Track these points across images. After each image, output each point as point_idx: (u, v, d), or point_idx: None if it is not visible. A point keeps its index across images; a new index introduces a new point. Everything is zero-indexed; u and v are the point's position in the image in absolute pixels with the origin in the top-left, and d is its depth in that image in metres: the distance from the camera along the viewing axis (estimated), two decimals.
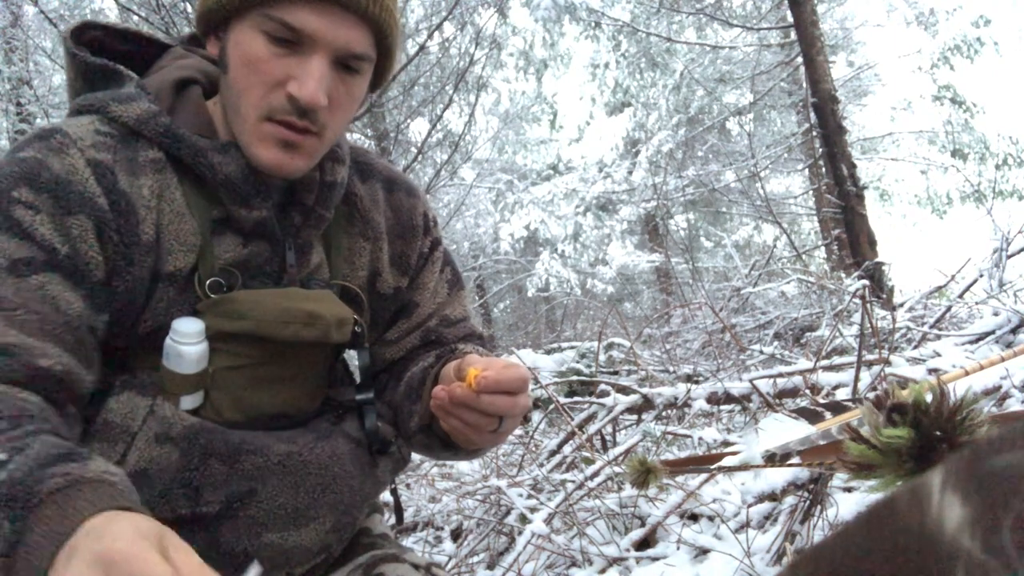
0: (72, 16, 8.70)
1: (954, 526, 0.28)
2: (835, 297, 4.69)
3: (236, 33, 0.91)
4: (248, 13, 0.90)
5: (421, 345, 1.13)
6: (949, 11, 13.48)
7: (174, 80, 0.99)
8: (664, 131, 13.50)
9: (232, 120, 0.94)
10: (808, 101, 7.75)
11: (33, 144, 0.89)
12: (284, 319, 0.94)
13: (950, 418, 0.64)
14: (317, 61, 0.89)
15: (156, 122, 0.93)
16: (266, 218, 0.95)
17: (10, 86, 8.62)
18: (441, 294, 1.15)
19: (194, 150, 0.93)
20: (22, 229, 0.85)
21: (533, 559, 2.31)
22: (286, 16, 0.88)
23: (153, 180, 0.92)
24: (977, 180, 13.69)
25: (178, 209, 0.93)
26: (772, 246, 8.20)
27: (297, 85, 0.89)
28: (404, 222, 1.12)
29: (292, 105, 0.90)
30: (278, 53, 0.89)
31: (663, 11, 11.20)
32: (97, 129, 0.92)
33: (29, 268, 0.84)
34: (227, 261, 0.95)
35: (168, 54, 1.06)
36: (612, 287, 15.20)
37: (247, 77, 0.90)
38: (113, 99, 0.94)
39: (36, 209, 0.86)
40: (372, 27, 0.92)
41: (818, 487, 1.91)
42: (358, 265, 1.07)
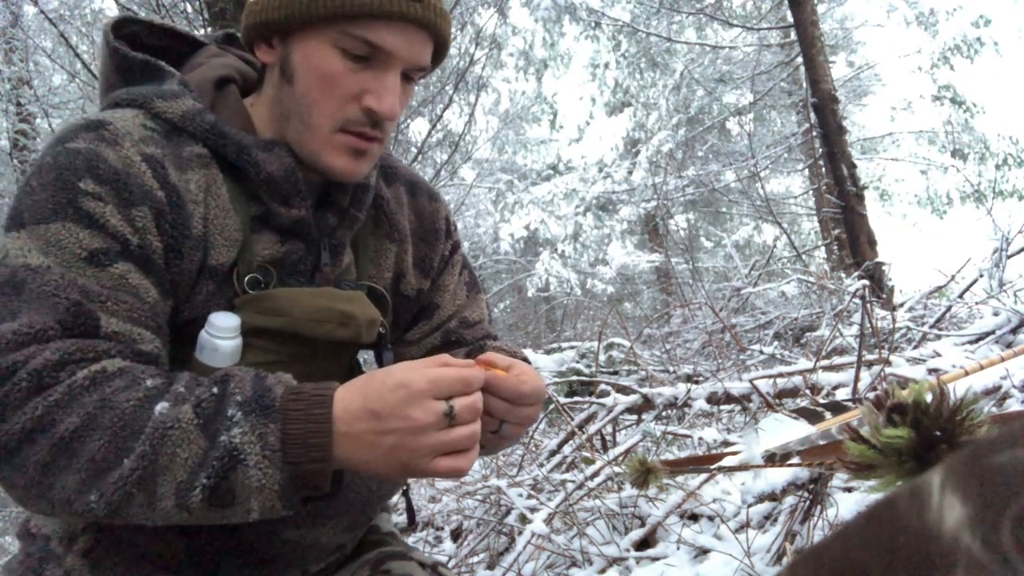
0: (72, 16, 8.69)
1: (954, 525, 0.28)
2: (835, 297, 4.69)
3: (304, 46, 0.93)
4: (321, 28, 0.91)
5: (441, 346, 1.16)
6: (949, 11, 13.48)
7: (215, 78, 1.01)
8: (664, 131, 13.50)
9: (295, 128, 0.96)
10: (808, 101, 7.75)
11: (82, 135, 0.89)
12: (320, 318, 0.96)
13: (950, 418, 0.64)
14: (392, 76, 0.93)
15: (202, 119, 0.94)
16: (304, 217, 0.97)
17: (10, 86, 8.62)
18: (460, 296, 1.18)
19: (239, 148, 0.94)
20: (93, 220, 0.85)
21: (533, 559, 2.31)
22: (367, 34, 0.90)
23: (200, 175, 0.93)
24: (977, 180, 13.69)
25: (223, 204, 0.94)
26: (772, 246, 8.20)
27: (375, 99, 0.92)
28: (427, 226, 1.15)
29: (367, 117, 0.94)
30: (353, 68, 0.92)
31: (663, 11, 11.20)
32: (143, 123, 0.92)
33: (107, 258, 0.85)
34: (264, 258, 0.97)
35: (202, 51, 1.07)
36: (612, 287, 15.19)
37: (321, 90, 0.93)
38: (157, 95, 0.95)
39: (103, 200, 0.86)
40: (436, 40, 0.96)
41: (818, 487, 1.91)
42: (384, 267, 1.09)
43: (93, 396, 0.77)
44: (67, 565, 0.93)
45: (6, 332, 0.79)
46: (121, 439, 0.76)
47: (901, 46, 13.34)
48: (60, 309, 0.81)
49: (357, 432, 0.78)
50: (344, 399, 0.79)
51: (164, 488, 0.76)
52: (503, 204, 15.30)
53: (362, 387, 0.79)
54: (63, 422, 0.76)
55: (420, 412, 0.77)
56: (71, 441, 0.76)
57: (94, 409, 0.77)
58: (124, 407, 0.77)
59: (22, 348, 0.79)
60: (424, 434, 0.77)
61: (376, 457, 0.78)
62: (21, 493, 0.79)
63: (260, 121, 1.00)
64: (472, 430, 0.80)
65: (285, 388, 0.80)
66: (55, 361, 0.79)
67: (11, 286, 0.82)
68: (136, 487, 0.76)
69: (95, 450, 0.76)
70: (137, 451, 0.75)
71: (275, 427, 0.76)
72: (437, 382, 0.78)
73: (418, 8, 0.91)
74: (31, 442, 0.76)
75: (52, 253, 0.83)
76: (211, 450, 0.76)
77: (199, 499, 0.76)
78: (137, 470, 0.75)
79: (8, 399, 0.77)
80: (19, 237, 0.84)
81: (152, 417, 0.77)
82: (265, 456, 0.76)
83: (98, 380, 0.79)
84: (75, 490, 0.76)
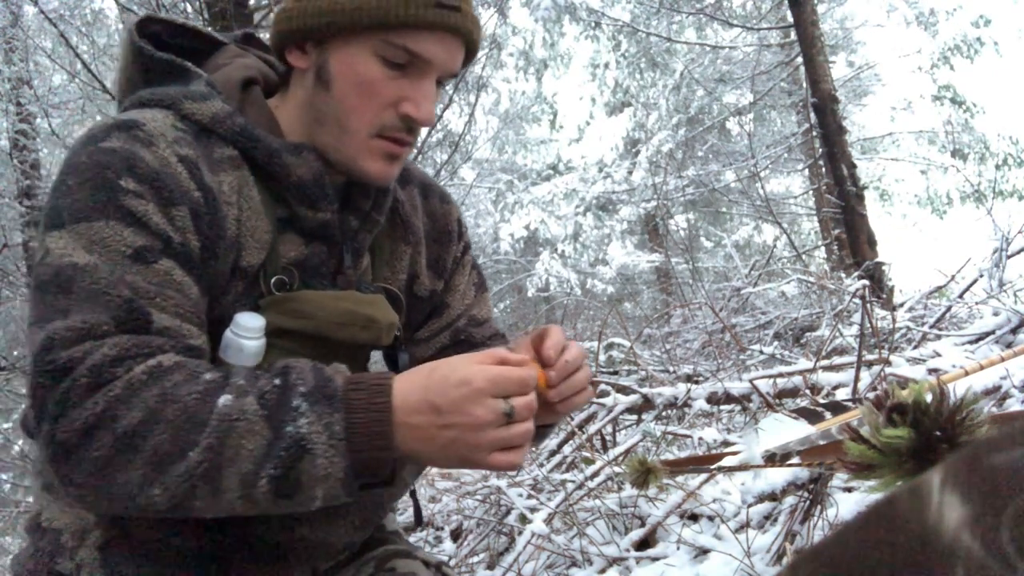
0: (72, 16, 8.69)
1: (954, 525, 0.28)
2: (835, 297, 4.68)
3: (343, 53, 0.94)
4: (362, 36, 0.92)
5: (451, 344, 1.18)
6: (949, 11, 13.47)
7: (240, 79, 1.01)
8: (664, 131, 13.49)
9: (330, 133, 0.97)
10: (808, 101, 7.75)
11: (114, 135, 0.89)
12: (344, 321, 0.98)
13: (950, 418, 0.64)
14: (429, 83, 0.95)
15: (232, 122, 0.95)
16: (330, 220, 0.99)
17: (10, 86, 8.61)
18: (469, 296, 1.21)
19: (269, 151, 0.95)
20: (136, 218, 0.85)
21: (533, 559, 2.31)
22: (408, 43, 0.92)
23: (232, 177, 0.94)
24: (977, 180, 13.69)
25: (255, 206, 0.95)
26: (772, 246, 8.20)
27: (413, 106, 0.95)
28: (440, 227, 1.17)
29: (403, 123, 0.96)
30: (392, 75, 0.94)
31: (663, 11, 11.19)
32: (174, 124, 0.93)
33: (151, 255, 0.85)
34: (289, 259, 0.98)
35: (223, 51, 1.07)
36: (612, 287, 15.19)
37: (359, 97, 0.94)
38: (185, 96, 0.95)
39: (145, 198, 0.86)
40: (469, 48, 0.98)
41: (818, 487, 1.91)
42: (399, 268, 1.11)
43: (153, 390, 0.78)
44: (79, 559, 0.93)
45: (60, 329, 0.80)
46: (185, 432, 0.77)
47: (901, 46, 13.31)
48: (112, 306, 0.82)
49: (417, 424, 0.80)
50: (404, 390, 0.81)
51: (229, 480, 0.77)
52: (503, 204, 15.30)
53: (423, 380, 0.81)
54: (125, 417, 0.77)
55: (481, 410, 0.80)
56: (133, 436, 0.77)
57: (156, 403, 0.78)
58: (186, 400, 0.78)
59: (77, 344, 0.79)
60: (483, 431, 0.80)
61: (435, 449, 0.81)
62: (80, 490, 0.79)
63: (286, 123, 1.00)
64: (527, 428, 0.83)
65: (344, 378, 0.81)
66: (113, 357, 0.79)
67: (56, 285, 0.82)
68: (202, 479, 0.77)
69: (159, 444, 0.77)
70: (203, 443, 0.76)
71: (339, 416, 0.78)
72: (498, 381, 0.81)
73: (457, 18, 0.93)
74: (92, 438, 0.77)
75: (96, 251, 0.83)
76: (277, 440, 0.77)
77: (265, 489, 0.78)
78: (204, 463, 0.76)
79: (68, 396, 0.78)
80: (61, 236, 0.84)
81: (216, 409, 0.78)
82: (331, 445, 0.78)
83: (156, 374, 0.79)
84: (138, 484, 0.77)
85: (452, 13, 0.93)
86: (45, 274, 0.83)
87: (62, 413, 0.77)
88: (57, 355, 0.79)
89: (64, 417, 0.77)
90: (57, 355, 0.79)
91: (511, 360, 0.83)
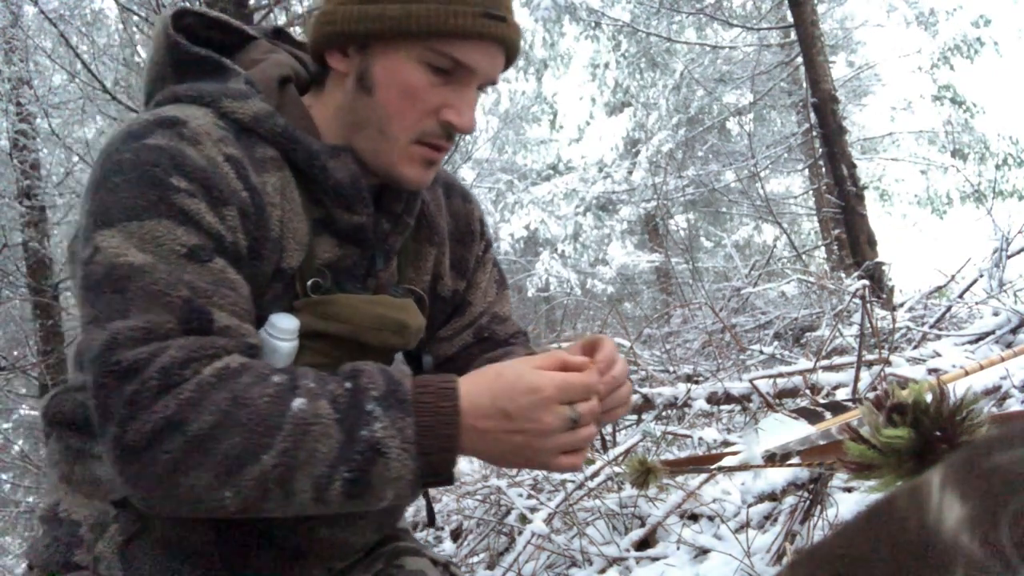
0: (72, 16, 8.68)
1: (953, 525, 0.28)
2: (835, 297, 4.68)
3: (388, 59, 0.94)
4: (408, 43, 0.92)
5: (475, 342, 1.19)
6: (949, 11, 13.46)
7: (278, 77, 1.01)
8: (664, 131, 13.48)
9: (370, 137, 0.97)
10: (808, 101, 7.75)
11: (158, 132, 0.88)
12: (377, 326, 0.99)
13: (950, 418, 0.64)
14: (471, 91, 0.96)
15: (273, 122, 0.94)
16: (365, 223, 0.99)
17: (10, 86, 8.60)
18: (491, 293, 1.22)
19: (309, 153, 0.95)
20: (188, 217, 0.85)
21: (533, 559, 2.31)
22: (454, 51, 0.92)
23: (276, 177, 0.94)
24: (977, 180, 13.68)
25: (296, 208, 0.95)
26: (772, 246, 8.20)
27: (455, 114, 0.95)
28: (463, 227, 1.17)
29: (444, 130, 0.96)
30: (435, 83, 0.94)
31: (663, 11, 11.19)
32: (215, 123, 0.92)
33: (205, 253, 0.85)
34: (323, 261, 0.98)
35: (254, 47, 1.06)
36: (612, 287, 15.18)
37: (402, 103, 0.94)
38: (225, 94, 0.94)
39: (196, 196, 0.86)
40: (509, 57, 0.99)
41: (818, 487, 1.91)
42: (423, 270, 1.11)
43: (224, 393, 0.78)
44: (97, 552, 0.93)
45: (122, 329, 0.80)
46: (258, 435, 0.77)
47: (901, 46, 13.28)
48: (174, 307, 0.82)
49: (485, 428, 0.83)
50: (471, 394, 0.83)
51: (302, 482, 0.78)
52: (503, 204, 15.29)
53: (490, 385, 0.83)
54: (197, 420, 0.77)
55: (550, 417, 0.82)
56: (205, 439, 0.77)
57: (228, 406, 0.78)
58: (258, 403, 0.78)
59: (142, 345, 0.79)
60: (551, 436, 0.83)
61: (501, 452, 0.84)
62: (147, 492, 0.79)
63: (322, 124, 1.00)
64: (591, 432, 0.87)
65: (412, 381, 0.83)
66: (181, 359, 0.79)
67: (110, 284, 0.82)
68: (275, 482, 0.78)
69: (231, 447, 0.77)
70: (277, 447, 0.77)
71: (411, 420, 0.80)
72: (565, 388, 0.83)
73: (503, 28, 0.94)
74: (161, 441, 0.77)
75: (150, 251, 0.83)
76: (350, 444, 0.78)
77: (338, 491, 0.79)
78: (279, 466, 0.77)
79: (137, 398, 0.77)
80: (113, 235, 0.83)
81: (290, 413, 0.78)
82: (404, 448, 0.79)
83: (224, 376, 0.80)
84: (207, 487, 0.77)
85: (499, 24, 0.94)
86: (96, 273, 0.83)
87: (131, 416, 0.77)
88: (123, 355, 0.78)
89: (133, 420, 0.77)
90: (123, 355, 0.78)
91: (573, 364, 0.86)
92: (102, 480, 0.96)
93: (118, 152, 0.87)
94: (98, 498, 0.96)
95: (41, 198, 8.79)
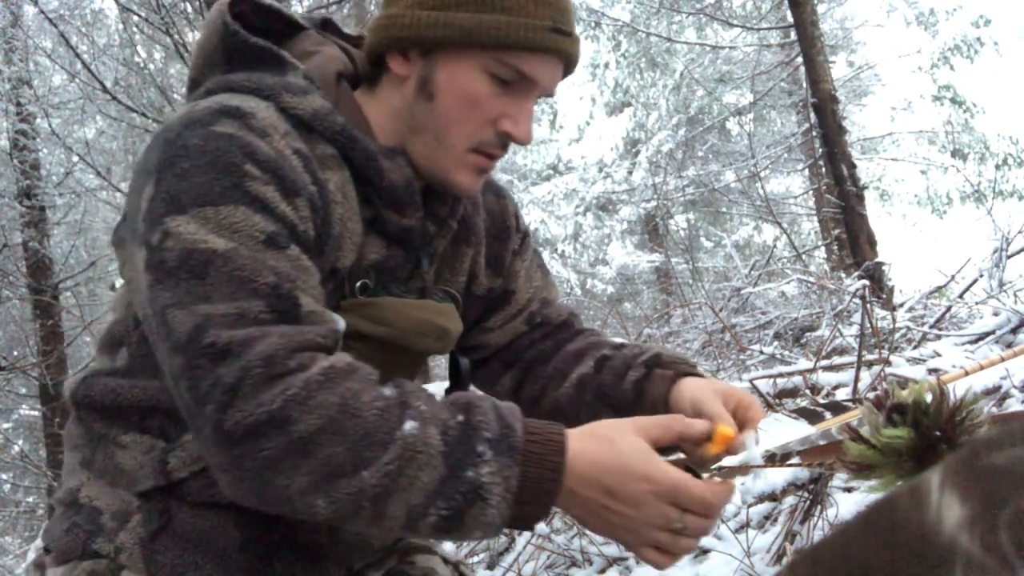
0: (72, 16, 8.68)
1: (953, 525, 0.28)
2: (835, 297, 4.68)
3: (453, 67, 0.93)
4: (474, 52, 0.92)
5: (528, 330, 1.19)
6: (949, 11, 13.46)
7: (335, 73, 1.00)
8: (664, 131, 13.48)
9: (426, 143, 0.97)
10: (808, 101, 7.75)
11: (224, 121, 0.87)
12: (422, 331, 0.99)
13: (949, 418, 0.64)
14: (530, 102, 0.97)
15: (332, 120, 0.93)
16: (414, 226, 0.99)
17: (10, 86, 8.60)
18: (536, 278, 1.21)
19: (366, 153, 0.94)
20: (264, 204, 0.84)
21: (533, 559, 2.31)
22: (521, 64, 0.93)
23: (337, 176, 0.94)
24: (977, 180, 13.67)
25: (353, 207, 0.95)
26: (772, 246, 8.20)
27: (513, 124, 0.95)
28: (498, 224, 1.17)
29: (500, 140, 0.96)
30: (496, 93, 0.94)
31: (663, 11, 11.19)
32: (278, 116, 0.91)
33: (283, 240, 0.84)
34: (370, 261, 0.98)
35: (305, 37, 1.05)
36: (612, 287, 15.18)
37: (463, 111, 0.94)
38: (285, 88, 0.93)
39: (271, 185, 0.85)
40: (567, 69, 0.99)
41: (818, 487, 1.91)
42: (459, 270, 1.11)
43: (332, 397, 0.76)
44: (119, 542, 0.92)
45: (212, 313, 0.78)
46: (361, 448, 0.75)
47: (901, 46, 13.27)
48: (261, 292, 0.80)
49: (585, 496, 0.79)
50: (580, 458, 0.79)
51: (395, 507, 0.76)
52: None
53: (601, 458, 0.79)
54: (302, 421, 0.75)
55: (655, 512, 0.78)
56: (308, 442, 0.75)
57: (336, 413, 0.76)
58: (367, 415, 0.76)
59: (236, 329, 0.78)
60: (648, 530, 0.79)
61: (592, 521, 0.81)
62: (236, 482, 0.78)
63: (375, 124, 0.99)
64: (692, 545, 0.82)
65: (522, 424, 0.80)
66: (284, 347, 0.77)
67: (188, 270, 0.80)
68: (371, 501, 0.75)
69: (333, 455, 0.75)
70: (382, 467, 0.75)
71: (517, 470, 0.77)
72: (681, 494, 0.78)
73: (569, 43, 0.95)
74: (263, 436, 0.75)
75: (227, 236, 0.81)
76: (451, 480, 0.75)
77: (429, 524, 0.76)
78: (378, 486, 0.75)
79: (240, 385, 0.75)
80: (186, 221, 0.81)
81: (401, 434, 0.76)
82: (504, 497, 0.76)
83: (332, 376, 0.78)
84: (301, 490, 0.76)
85: (565, 39, 0.94)
86: (172, 259, 0.81)
87: (231, 403, 0.75)
88: (217, 335, 0.77)
89: (233, 407, 0.75)
90: (217, 335, 0.77)
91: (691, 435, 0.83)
92: (126, 470, 0.94)
93: (181, 138, 0.86)
94: (122, 487, 0.95)
95: (41, 198, 8.79)
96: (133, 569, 0.92)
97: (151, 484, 0.93)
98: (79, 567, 0.93)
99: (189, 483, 0.92)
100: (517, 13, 0.91)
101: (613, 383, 1.07)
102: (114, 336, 1.00)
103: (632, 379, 1.05)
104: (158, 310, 0.81)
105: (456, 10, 0.92)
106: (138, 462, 0.94)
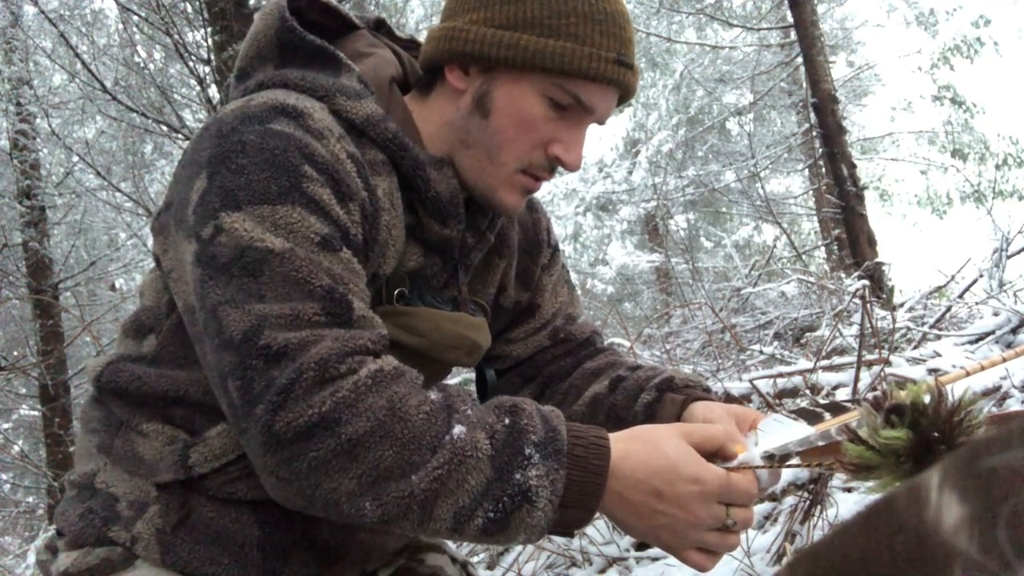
0: (72, 16, 8.68)
1: (952, 525, 0.28)
2: (835, 297, 4.68)
3: (512, 87, 0.93)
4: (536, 75, 0.92)
5: (551, 344, 1.19)
6: (949, 11, 13.46)
7: (389, 79, 0.99)
8: (664, 131, 13.49)
9: (476, 158, 0.97)
10: (808, 101, 7.75)
11: (280, 119, 0.86)
12: (453, 344, 1.00)
13: (948, 419, 0.64)
14: (583, 130, 0.97)
15: (384, 126, 0.93)
16: (454, 237, 0.99)
17: (10, 86, 8.61)
18: (562, 293, 1.22)
19: (415, 162, 0.94)
20: (320, 206, 0.84)
21: (533, 559, 2.31)
22: (581, 92, 0.93)
23: (386, 182, 0.94)
24: (977, 180, 13.67)
25: (399, 214, 0.95)
26: (772, 246, 8.20)
27: (564, 150, 0.96)
28: (531, 238, 1.17)
29: (549, 164, 0.97)
30: (551, 117, 0.94)
31: (663, 11, 11.19)
32: (332, 119, 0.90)
33: (336, 243, 0.84)
34: (407, 269, 0.98)
35: (357, 37, 1.04)
36: (612, 287, 15.19)
37: (517, 132, 0.94)
38: (339, 91, 0.93)
39: (327, 188, 0.85)
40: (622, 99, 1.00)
41: (818, 487, 1.91)
42: (489, 282, 1.11)
43: (381, 400, 0.77)
44: (135, 531, 0.92)
45: (267, 314, 0.78)
46: (410, 452, 0.75)
47: (901, 46, 13.34)
48: (317, 295, 0.80)
49: (632, 498, 0.79)
50: (626, 460, 0.79)
51: (443, 510, 0.76)
52: None
53: (647, 459, 0.80)
54: (351, 424, 0.75)
55: (705, 512, 0.79)
56: (357, 445, 0.75)
57: (384, 416, 0.76)
58: (415, 419, 0.77)
59: (292, 331, 0.77)
60: (697, 530, 0.80)
61: (638, 524, 0.81)
62: (283, 483, 0.77)
63: (425, 132, 0.99)
64: (737, 540, 0.83)
65: (567, 428, 0.80)
66: (338, 351, 0.77)
67: (242, 268, 0.80)
68: (419, 504, 0.76)
69: (382, 459, 0.75)
70: (431, 471, 0.75)
71: (563, 473, 0.77)
72: (728, 489, 0.80)
73: (629, 75, 0.95)
74: (312, 438, 0.75)
75: (284, 236, 0.81)
76: (498, 483, 0.76)
77: (476, 527, 0.77)
78: (427, 490, 0.75)
79: (293, 387, 0.75)
80: (242, 218, 0.81)
81: (450, 438, 0.76)
82: (550, 500, 0.76)
83: (380, 379, 0.78)
84: (349, 493, 0.76)
85: (627, 71, 0.95)
86: (225, 255, 0.81)
87: (282, 404, 0.75)
88: (273, 337, 0.77)
89: (284, 409, 0.75)
90: (273, 337, 0.77)
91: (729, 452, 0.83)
92: (145, 459, 0.94)
93: (236, 133, 0.85)
94: (140, 476, 0.94)
95: (41, 198, 8.79)
96: (148, 559, 0.91)
97: (171, 477, 0.92)
98: (93, 553, 0.92)
99: (210, 479, 0.92)
100: (583, 42, 0.91)
101: (625, 404, 1.07)
102: (142, 323, 0.99)
103: (644, 401, 1.05)
104: (210, 306, 0.81)
105: (523, 31, 0.91)
106: (158, 452, 0.93)
